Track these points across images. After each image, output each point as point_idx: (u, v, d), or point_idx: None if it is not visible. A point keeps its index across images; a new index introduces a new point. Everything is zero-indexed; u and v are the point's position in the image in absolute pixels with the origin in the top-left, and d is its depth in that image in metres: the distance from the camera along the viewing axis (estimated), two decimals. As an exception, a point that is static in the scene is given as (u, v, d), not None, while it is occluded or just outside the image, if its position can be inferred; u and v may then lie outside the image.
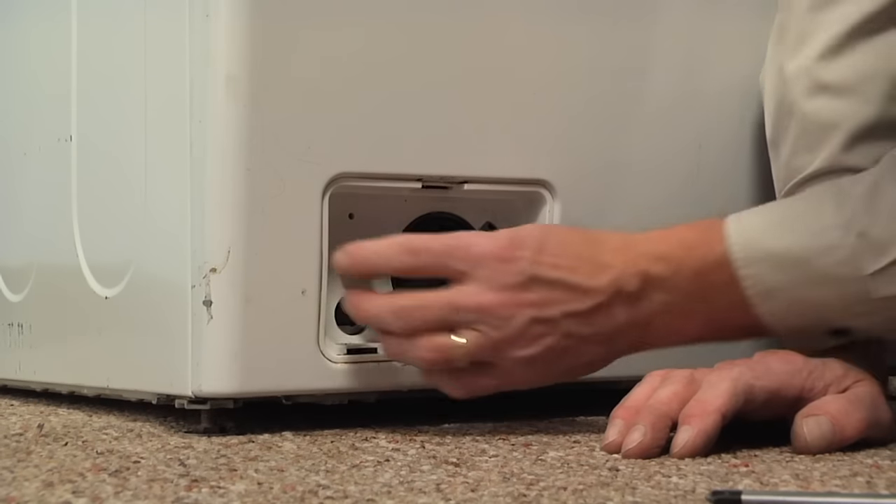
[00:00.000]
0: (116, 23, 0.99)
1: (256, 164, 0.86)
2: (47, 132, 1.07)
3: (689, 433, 0.80)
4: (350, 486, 0.70)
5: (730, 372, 0.83)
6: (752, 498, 0.65)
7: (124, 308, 0.96)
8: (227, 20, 0.86)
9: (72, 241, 1.03)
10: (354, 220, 0.93)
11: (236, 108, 0.86)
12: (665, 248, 0.87)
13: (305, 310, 0.88)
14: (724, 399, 0.81)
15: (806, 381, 0.84)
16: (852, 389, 0.85)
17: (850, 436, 0.82)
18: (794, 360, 0.85)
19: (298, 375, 0.89)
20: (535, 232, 0.87)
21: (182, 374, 0.88)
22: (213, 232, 0.86)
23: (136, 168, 0.94)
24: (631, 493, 0.69)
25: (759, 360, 0.85)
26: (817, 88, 0.97)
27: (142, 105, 0.94)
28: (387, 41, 0.91)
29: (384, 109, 0.90)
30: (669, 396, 0.82)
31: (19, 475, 0.72)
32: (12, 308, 1.14)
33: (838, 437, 0.82)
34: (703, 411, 0.81)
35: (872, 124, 0.96)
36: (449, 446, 0.84)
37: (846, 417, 0.83)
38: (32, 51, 1.12)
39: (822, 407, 0.83)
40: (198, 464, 0.76)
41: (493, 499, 0.66)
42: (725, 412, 0.81)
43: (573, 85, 0.97)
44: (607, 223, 0.95)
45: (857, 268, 0.83)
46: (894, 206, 0.84)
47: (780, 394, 0.83)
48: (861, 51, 0.97)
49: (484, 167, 0.94)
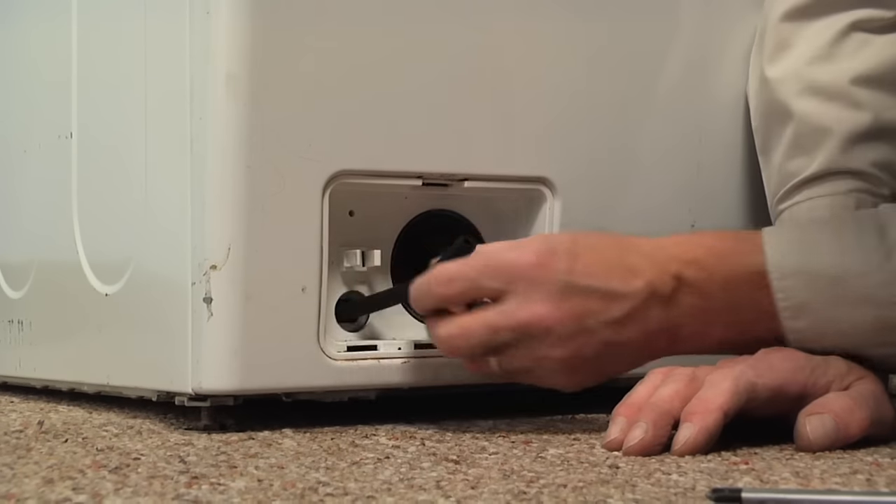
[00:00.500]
0: (117, 20, 0.99)
1: (257, 162, 0.86)
2: (48, 129, 1.07)
3: (690, 430, 0.80)
4: (350, 483, 0.70)
5: (732, 370, 0.83)
6: (752, 496, 0.65)
7: (124, 305, 0.96)
8: (228, 18, 0.86)
9: (72, 237, 1.03)
10: (355, 217, 0.93)
11: (236, 106, 0.86)
12: (696, 253, 0.86)
13: (306, 307, 0.88)
14: (726, 397, 0.81)
15: (808, 379, 0.84)
16: (855, 387, 0.85)
17: (854, 434, 0.82)
18: (797, 358, 0.85)
19: (298, 373, 0.89)
20: (564, 239, 0.87)
21: (182, 371, 0.88)
22: (213, 229, 0.86)
23: (137, 165, 0.94)
24: (631, 490, 0.69)
25: (761, 357, 0.85)
26: (810, 91, 0.97)
27: (142, 102, 0.94)
28: (387, 39, 0.91)
29: (384, 107, 0.90)
30: (671, 394, 0.82)
31: (19, 472, 0.72)
32: (12, 305, 1.14)
33: (842, 435, 0.82)
34: (705, 409, 0.81)
35: (868, 126, 0.96)
36: (449, 443, 0.84)
37: (850, 415, 0.82)
38: (33, 48, 1.12)
39: (826, 405, 0.83)
40: (198, 461, 0.76)
41: (493, 496, 0.66)
42: (727, 410, 0.81)
43: (574, 83, 0.97)
44: (608, 220, 0.95)
45: (894, 293, 0.83)
46: None
47: (782, 391, 0.83)
48: (854, 54, 0.97)
49: (484, 165, 0.94)
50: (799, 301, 0.85)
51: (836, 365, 0.85)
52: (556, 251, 0.85)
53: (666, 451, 0.81)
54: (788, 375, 0.84)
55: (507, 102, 0.95)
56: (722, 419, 0.81)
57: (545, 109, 0.96)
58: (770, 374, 0.83)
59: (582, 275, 0.85)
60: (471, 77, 0.93)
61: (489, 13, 0.94)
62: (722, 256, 0.86)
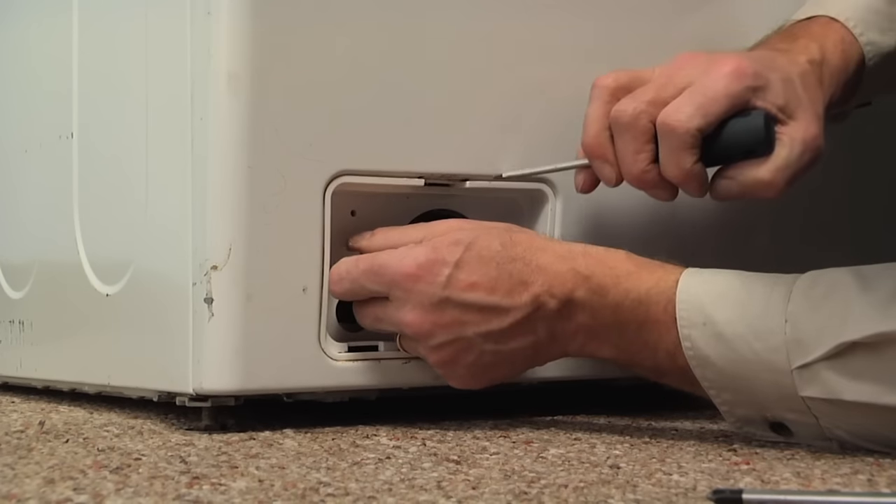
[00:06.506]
0: (118, 20, 0.99)
1: (258, 162, 0.86)
2: (48, 129, 1.07)
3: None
4: (351, 483, 0.70)
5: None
6: (752, 497, 0.65)
7: (125, 305, 0.96)
8: (229, 17, 0.86)
9: (73, 238, 1.03)
10: (356, 217, 0.93)
11: (238, 106, 0.86)
12: (595, 270, 0.86)
13: (307, 307, 0.88)
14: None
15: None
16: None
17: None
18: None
19: (299, 373, 0.89)
20: (455, 249, 0.87)
21: (183, 371, 0.88)
22: (214, 229, 0.86)
23: (138, 165, 0.94)
24: (632, 490, 0.69)
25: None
26: None
27: (143, 102, 0.94)
28: (389, 39, 0.90)
29: (386, 107, 0.90)
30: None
31: (20, 472, 0.72)
32: (13, 305, 1.14)
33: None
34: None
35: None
36: (450, 444, 0.84)
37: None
38: (34, 48, 1.12)
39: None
40: (199, 461, 0.76)
41: (493, 496, 0.66)
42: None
43: (575, 83, 0.96)
44: (609, 220, 0.95)
45: (786, 359, 0.80)
46: (830, 305, 0.80)
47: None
48: None
49: (486, 165, 0.94)
50: (702, 354, 0.83)
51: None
52: (441, 262, 0.86)
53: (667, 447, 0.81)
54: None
55: (510, 103, 0.95)
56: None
57: (547, 110, 0.96)
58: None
59: (461, 289, 0.86)
60: (473, 77, 0.93)
61: (491, 13, 0.94)
62: (620, 278, 0.85)
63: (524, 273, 0.86)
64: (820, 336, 0.79)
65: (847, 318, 0.78)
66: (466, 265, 0.86)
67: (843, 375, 0.79)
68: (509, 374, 0.90)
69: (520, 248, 0.87)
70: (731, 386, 0.82)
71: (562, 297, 0.85)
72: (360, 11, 0.89)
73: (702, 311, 0.82)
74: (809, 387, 0.80)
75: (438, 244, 0.87)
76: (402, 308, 0.87)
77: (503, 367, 0.88)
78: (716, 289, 0.83)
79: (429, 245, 0.87)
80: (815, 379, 0.79)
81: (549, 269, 0.86)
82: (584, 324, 0.86)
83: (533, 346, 0.87)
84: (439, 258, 0.86)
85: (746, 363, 0.81)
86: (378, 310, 0.89)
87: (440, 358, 0.88)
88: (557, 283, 0.85)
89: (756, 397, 0.82)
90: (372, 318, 0.89)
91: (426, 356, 0.89)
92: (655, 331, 0.84)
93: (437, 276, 0.86)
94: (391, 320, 0.88)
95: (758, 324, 0.81)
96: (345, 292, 0.89)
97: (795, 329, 0.80)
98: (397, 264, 0.87)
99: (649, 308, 0.84)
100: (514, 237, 0.88)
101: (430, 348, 0.88)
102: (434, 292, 0.86)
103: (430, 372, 0.90)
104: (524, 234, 0.89)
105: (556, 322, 0.86)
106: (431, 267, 0.86)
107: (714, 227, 0.99)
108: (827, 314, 0.79)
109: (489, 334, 0.86)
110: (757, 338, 0.81)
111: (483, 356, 0.87)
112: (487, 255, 0.86)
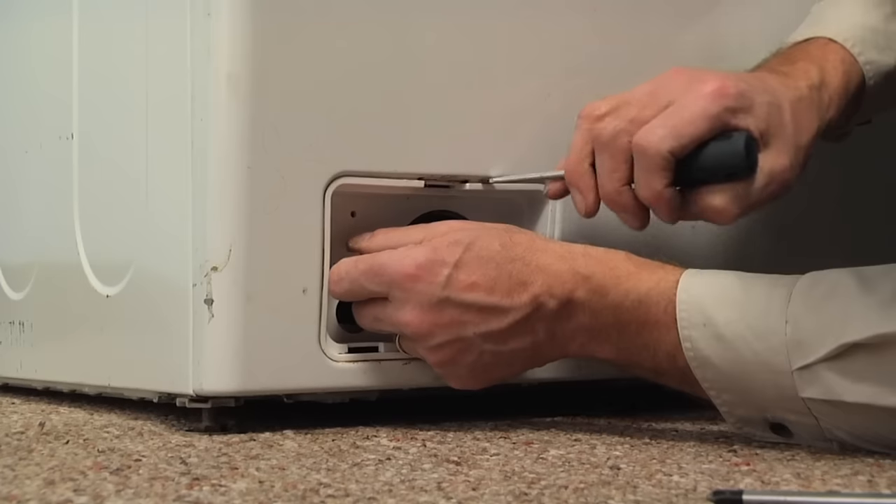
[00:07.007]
0: (118, 21, 0.99)
1: (258, 163, 0.86)
2: (48, 130, 1.07)
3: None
4: (351, 484, 0.70)
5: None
6: (753, 498, 0.65)
7: (125, 306, 0.96)
8: (229, 18, 0.86)
9: (73, 239, 1.03)
10: (356, 218, 0.93)
11: (238, 107, 0.86)
12: (595, 270, 0.86)
13: (307, 308, 0.88)
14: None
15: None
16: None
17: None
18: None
19: (299, 374, 0.89)
20: (455, 250, 0.87)
21: (183, 372, 0.88)
22: (214, 230, 0.86)
23: (138, 166, 0.94)
24: (632, 491, 0.69)
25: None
26: None
27: (143, 103, 0.94)
28: (389, 40, 0.90)
29: (386, 108, 0.90)
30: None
31: (21, 473, 0.72)
32: (13, 306, 1.14)
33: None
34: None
35: None
36: (450, 445, 0.84)
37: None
38: (34, 48, 1.12)
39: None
40: (199, 462, 0.76)
41: (494, 497, 0.66)
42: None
43: (576, 85, 0.97)
44: (609, 221, 0.94)
45: (787, 360, 0.80)
46: (830, 307, 0.80)
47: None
48: None
49: (485, 166, 0.94)
50: (702, 355, 0.82)
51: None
52: (440, 262, 0.86)
53: (667, 448, 0.81)
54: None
55: (510, 104, 0.94)
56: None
57: (547, 111, 0.96)
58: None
59: (461, 289, 0.86)
60: (472, 78, 0.93)
61: (491, 14, 0.94)
62: (620, 279, 0.85)
63: (524, 273, 0.86)
64: (820, 337, 0.79)
65: (847, 319, 0.79)
66: (466, 265, 0.86)
67: (844, 376, 0.79)
68: (509, 375, 0.90)
69: (519, 248, 0.87)
70: (731, 387, 0.82)
71: (561, 297, 0.85)
72: (360, 13, 0.89)
73: (702, 312, 0.82)
74: (810, 388, 0.80)
75: (438, 245, 0.87)
76: (402, 308, 0.87)
77: (503, 368, 0.88)
78: (716, 290, 0.83)
79: (428, 245, 0.87)
80: (815, 380, 0.79)
81: (549, 270, 0.86)
82: (583, 324, 0.86)
83: (532, 346, 0.87)
84: (439, 258, 0.86)
85: (747, 364, 0.81)
86: (378, 310, 0.89)
87: (440, 358, 0.88)
88: (557, 284, 0.85)
89: (756, 398, 0.82)
90: (371, 319, 0.89)
91: (426, 356, 0.89)
92: (655, 331, 0.84)
93: (437, 276, 0.86)
94: (391, 321, 0.88)
95: (758, 325, 0.81)
96: (344, 293, 0.89)
97: (796, 330, 0.80)
98: (397, 265, 0.87)
99: (649, 309, 0.84)
100: (513, 238, 0.88)
101: (430, 348, 0.88)
102: (433, 292, 0.86)
103: (430, 373, 0.90)
104: (524, 234, 0.89)
105: (556, 322, 0.86)
106: (431, 267, 0.86)
107: (714, 227, 0.99)
108: (827, 315, 0.79)
109: (489, 334, 0.86)
110: (757, 339, 0.81)
111: (483, 356, 0.87)
112: (487, 256, 0.86)
